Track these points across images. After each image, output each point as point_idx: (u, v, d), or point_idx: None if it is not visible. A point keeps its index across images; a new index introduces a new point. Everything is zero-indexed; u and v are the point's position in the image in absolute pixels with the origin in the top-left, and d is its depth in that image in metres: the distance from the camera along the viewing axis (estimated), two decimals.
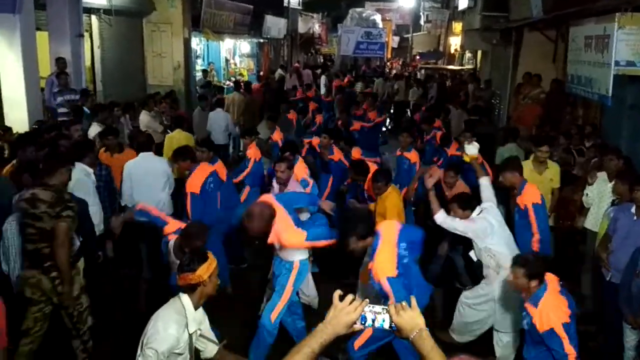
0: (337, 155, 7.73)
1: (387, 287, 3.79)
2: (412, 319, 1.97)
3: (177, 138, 8.37)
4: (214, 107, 11.01)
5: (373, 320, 1.99)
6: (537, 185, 5.66)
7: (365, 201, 6.28)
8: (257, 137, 8.05)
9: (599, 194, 5.95)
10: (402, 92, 18.38)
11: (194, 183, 5.82)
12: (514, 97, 12.99)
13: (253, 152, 7.42)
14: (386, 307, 2.00)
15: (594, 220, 5.89)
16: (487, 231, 4.82)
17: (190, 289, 3.21)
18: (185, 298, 3.22)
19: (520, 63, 13.37)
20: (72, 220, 4.39)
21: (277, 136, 8.92)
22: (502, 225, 4.97)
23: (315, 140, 8.08)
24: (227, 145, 11.14)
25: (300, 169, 6.34)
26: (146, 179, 6.21)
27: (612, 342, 4.89)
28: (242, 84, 14.50)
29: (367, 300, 1.99)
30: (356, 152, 8.14)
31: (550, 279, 3.85)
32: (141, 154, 6.45)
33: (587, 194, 6.05)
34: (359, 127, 10.63)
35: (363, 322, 2.00)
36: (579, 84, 8.26)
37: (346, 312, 1.96)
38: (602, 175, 6.02)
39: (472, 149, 5.60)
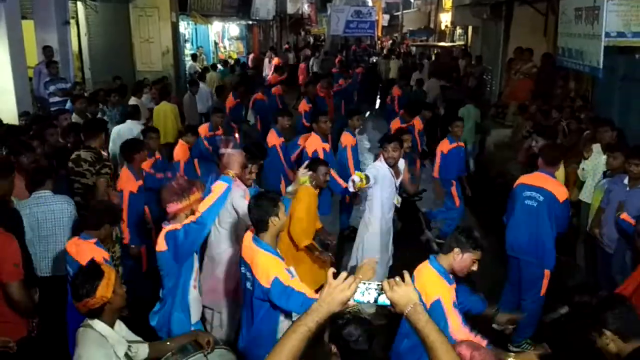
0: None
1: None
2: (406, 294, 1.97)
3: (164, 110, 8.66)
4: (198, 80, 12.04)
5: (368, 297, 2.00)
6: None
7: None
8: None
9: (593, 166, 5.95)
10: (394, 71, 18.22)
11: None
12: (506, 72, 12.94)
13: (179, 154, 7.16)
14: (380, 283, 2.00)
15: (589, 193, 5.89)
16: None
17: (96, 314, 2.79)
18: (98, 325, 2.80)
19: (511, 38, 13.28)
20: (110, 177, 5.23)
21: (220, 132, 8.26)
22: None
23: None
24: (208, 113, 10.89)
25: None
26: None
27: None
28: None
29: (361, 276, 2.00)
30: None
31: None
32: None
33: (582, 168, 6.04)
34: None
35: (357, 299, 2.00)
36: (570, 57, 8.23)
37: (340, 290, 1.96)
38: (596, 147, 6.02)
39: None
